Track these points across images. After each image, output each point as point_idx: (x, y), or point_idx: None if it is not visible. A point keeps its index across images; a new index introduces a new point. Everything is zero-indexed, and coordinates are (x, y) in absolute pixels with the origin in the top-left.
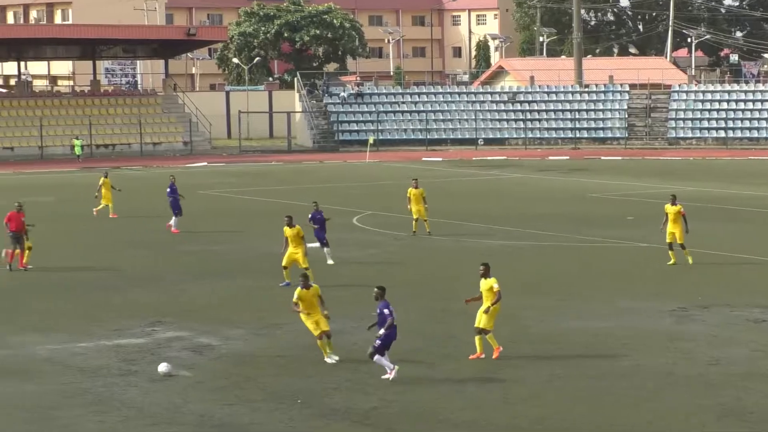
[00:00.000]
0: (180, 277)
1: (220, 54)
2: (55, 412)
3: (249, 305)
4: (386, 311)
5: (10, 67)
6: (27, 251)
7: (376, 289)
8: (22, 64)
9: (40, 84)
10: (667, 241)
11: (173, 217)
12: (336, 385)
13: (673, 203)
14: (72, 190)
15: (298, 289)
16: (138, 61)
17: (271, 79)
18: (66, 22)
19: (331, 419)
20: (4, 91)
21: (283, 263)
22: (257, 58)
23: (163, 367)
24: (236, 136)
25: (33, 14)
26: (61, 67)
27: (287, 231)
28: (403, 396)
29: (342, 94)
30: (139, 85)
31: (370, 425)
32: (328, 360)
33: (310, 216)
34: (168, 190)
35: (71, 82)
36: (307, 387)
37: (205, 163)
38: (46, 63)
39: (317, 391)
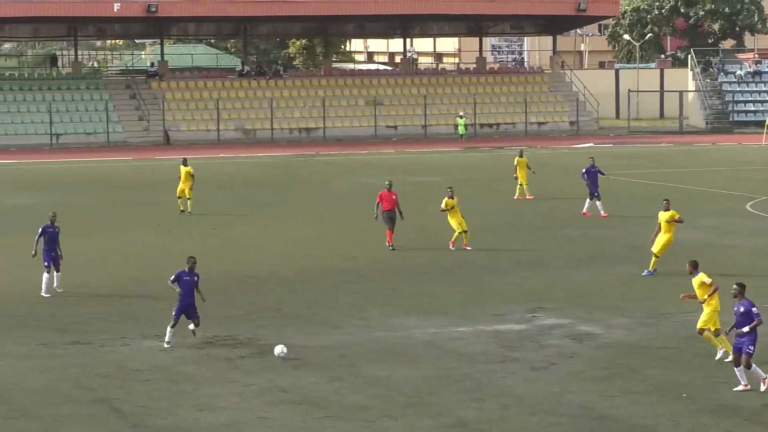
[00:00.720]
0: (562, 262)
1: (612, 30)
2: (432, 398)
3: (633, 293)
4: (754, 310)
5: (396, 44)
6: (466, 234)
7: (735, 286)
8: (408, 41)
9: (425, 61)
10: None
11: (587, 200)
12: (724, 380)
13: None
14: (456, 170)
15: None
16: (525, 38)
17: (663, 56)
18: None
19: (719, 416)
20: (389, 68)
21: (655, 249)
22: (649, 35)
23: (279, 349)
24: (624, 117)
25: None
26: (447, 44)
27: (661, 216)
28: None
29: (738, 72)
30: (525, 63)
31: (760, 424)
32: (720, 354)
33: (584, 170)
34: (584, 172)
35: (456, 60)
36: (693, 381)
37: (592, 144)
38: (431, 40)
39: (703, 385)
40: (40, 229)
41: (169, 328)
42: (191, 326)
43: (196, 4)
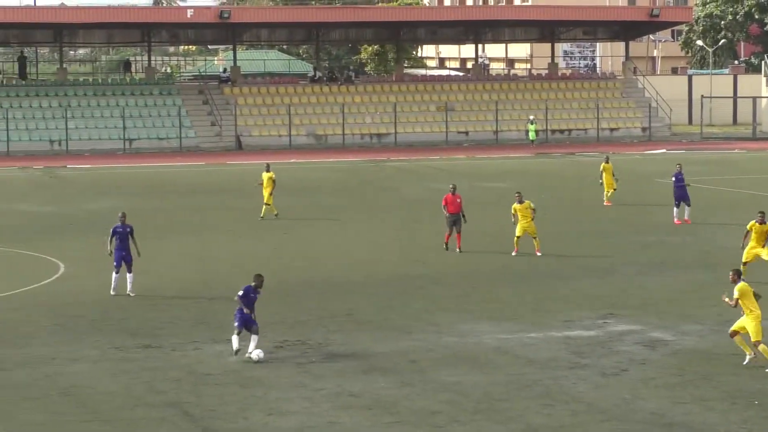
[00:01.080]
0: (635, 269)
1: (685, 36)
2: (502, 404)
3: (706, 300)
4: None
5: (467, 50)
6: (536, 240)
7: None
8: (480, 46)
9: (496, 67)
10: None
11: (675, 208)
12: None
13: None
14: (526, 176)
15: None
16: (597, 44)
17: (736, 62)
18: (525, 4)
19: None
20: (461, 74)
21: (744, 258)
22: (723, 41)
23: (256, 354)
24: (697, 123)
25: None
26: (519, 50)
27: (755, 227)
28: None
29: None
30: (597, 69)
31: None
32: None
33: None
34: (673, 178)
35: (528, 65)
36: (765, 388)
37: (664, 150)
38: (503, 46)
39: None
40: (111, 230)
41: (233, 337)
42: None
43: (268, 10)
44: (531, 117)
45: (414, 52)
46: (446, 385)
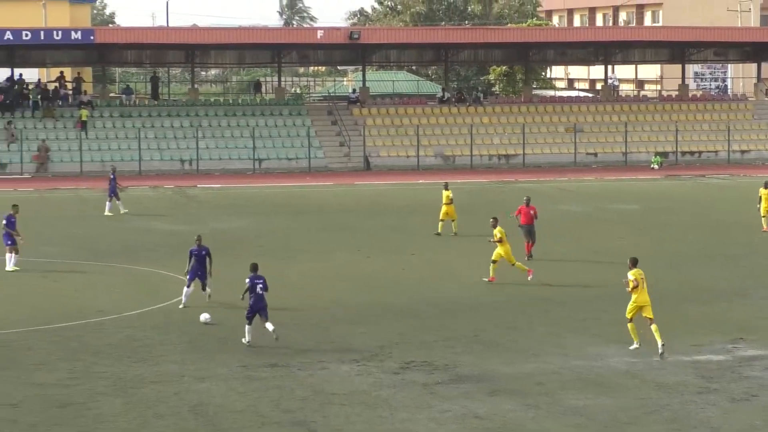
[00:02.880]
0: (766, 293)
1: None
2: (630, 428)
3: None
4: None
5: (597, 71)
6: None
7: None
8: (609, 67)
9: (626, 88)
10: None
11: None
12: None
13: None
14: (656, 198)
15: None
16: (728, 65)
17: None
18: (656, 24)
19: None
20: (590, 95)
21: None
22: None
23: (203, 317)
24: None
25: (622, 16)
26: (649, 71)
27: None
28: None
29: None
30: (728, 90)
31: None
32: None
33: None
34: None
35: (658, 87)
36: None
37: None
38: (633, 67)
39: None
40: (189, 252)
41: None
42: (269, 326)
43: (398, 30)
44: (656, 151)
45: (543, 73)
46: (573, 409)
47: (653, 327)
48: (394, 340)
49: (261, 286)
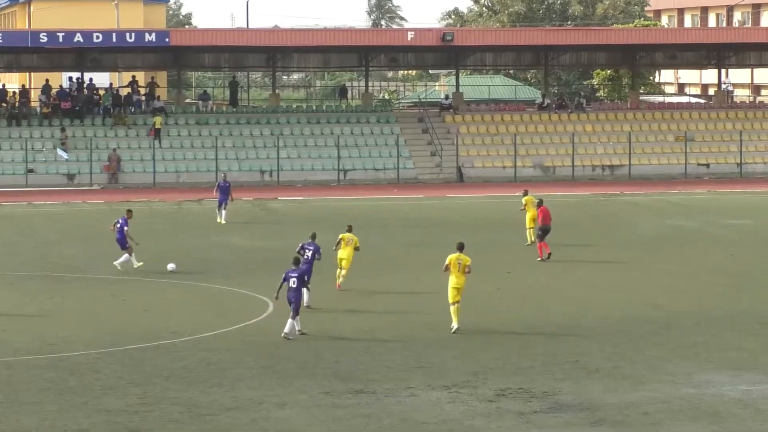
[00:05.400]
0: None
1: None
2: None
3: None
4: None
5: (709, 75)
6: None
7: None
8: (723, 71)
9: (741, 94)
10: None
11: None
12: None
13: None
14: None
15: None
16: None
17: None
18: None
19: None
20: (702, 101)
21: None
22: None
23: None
24: None
25: (737, 16)
26: (765, 75)
27: None
28: None
29: None
30: None
31: None
32: None
33: None
34: None
35: None
36: None
37: None
38: (748, 71)
39: None
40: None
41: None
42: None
43: (494, 32)
44: None
45: (651, 78)
46: None
47: (457, 307)
48: (489, 365)
49: (294, 279)
